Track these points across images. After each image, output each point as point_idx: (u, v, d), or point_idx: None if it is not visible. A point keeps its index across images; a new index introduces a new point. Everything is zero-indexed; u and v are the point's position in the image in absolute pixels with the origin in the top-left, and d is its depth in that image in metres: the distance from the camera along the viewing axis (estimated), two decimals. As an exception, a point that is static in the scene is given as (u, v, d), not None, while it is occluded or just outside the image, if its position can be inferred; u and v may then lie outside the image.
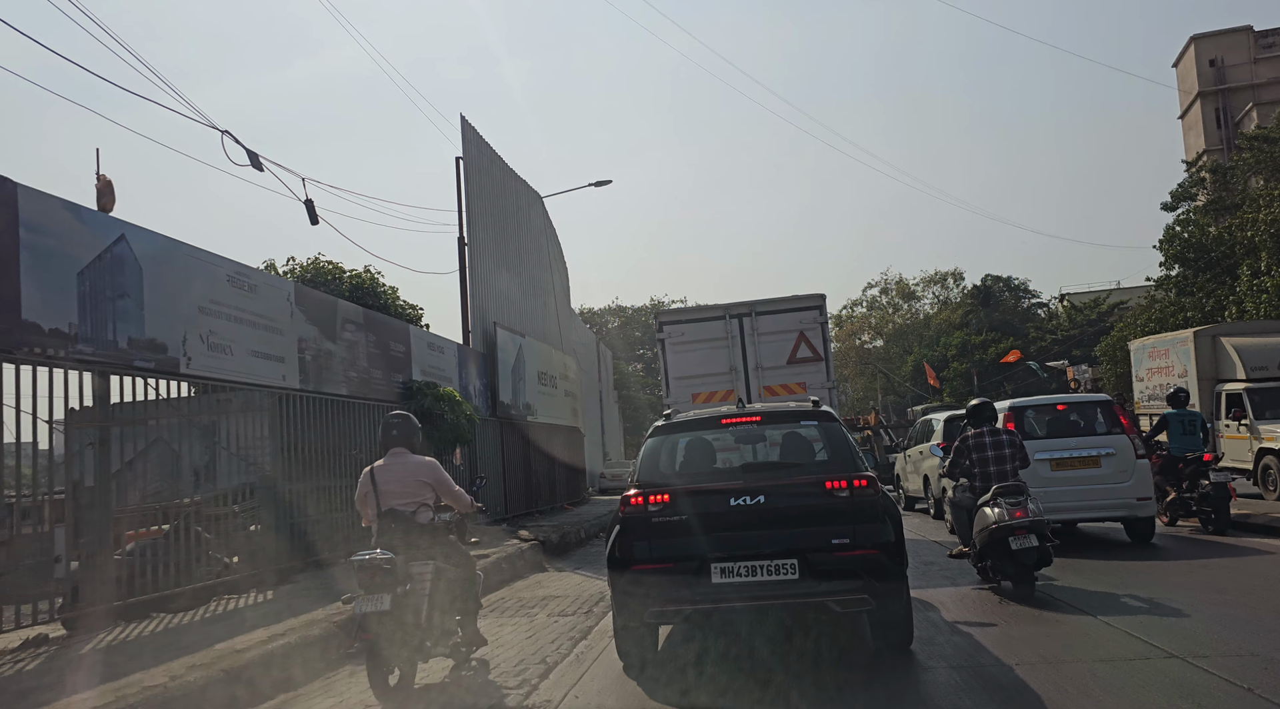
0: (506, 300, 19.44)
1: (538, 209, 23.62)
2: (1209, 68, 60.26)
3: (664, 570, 5.49)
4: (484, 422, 16.91)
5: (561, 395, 23.07)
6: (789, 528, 5.46)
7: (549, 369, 21.84)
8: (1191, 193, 45.03)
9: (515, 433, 18.81)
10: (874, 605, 5.42)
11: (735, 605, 5.42)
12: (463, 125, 17.52)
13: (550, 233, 25.56)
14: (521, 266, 21.28)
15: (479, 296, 17.67)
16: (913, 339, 70.91)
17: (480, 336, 17.58)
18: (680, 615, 5.58)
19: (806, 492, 5.61)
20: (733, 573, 5.37)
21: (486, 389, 17.33)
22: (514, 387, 18.67)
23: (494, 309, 18.41)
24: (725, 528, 5.48)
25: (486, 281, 18.14)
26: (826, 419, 6.34)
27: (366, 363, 12.00)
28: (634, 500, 5.66)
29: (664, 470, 6.18)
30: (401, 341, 13.32)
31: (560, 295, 27.09)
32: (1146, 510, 10.49)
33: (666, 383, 12.96)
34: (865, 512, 5.50)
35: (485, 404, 17.15)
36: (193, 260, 8.32)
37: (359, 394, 11.65)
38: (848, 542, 5.39)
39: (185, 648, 6.07)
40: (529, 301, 21.64)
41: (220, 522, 8.85)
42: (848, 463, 5.89)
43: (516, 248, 20.96)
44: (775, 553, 5.37)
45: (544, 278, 23.78)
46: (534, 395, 20.10)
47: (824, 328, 12.93)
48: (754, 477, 6.08)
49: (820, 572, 5.35)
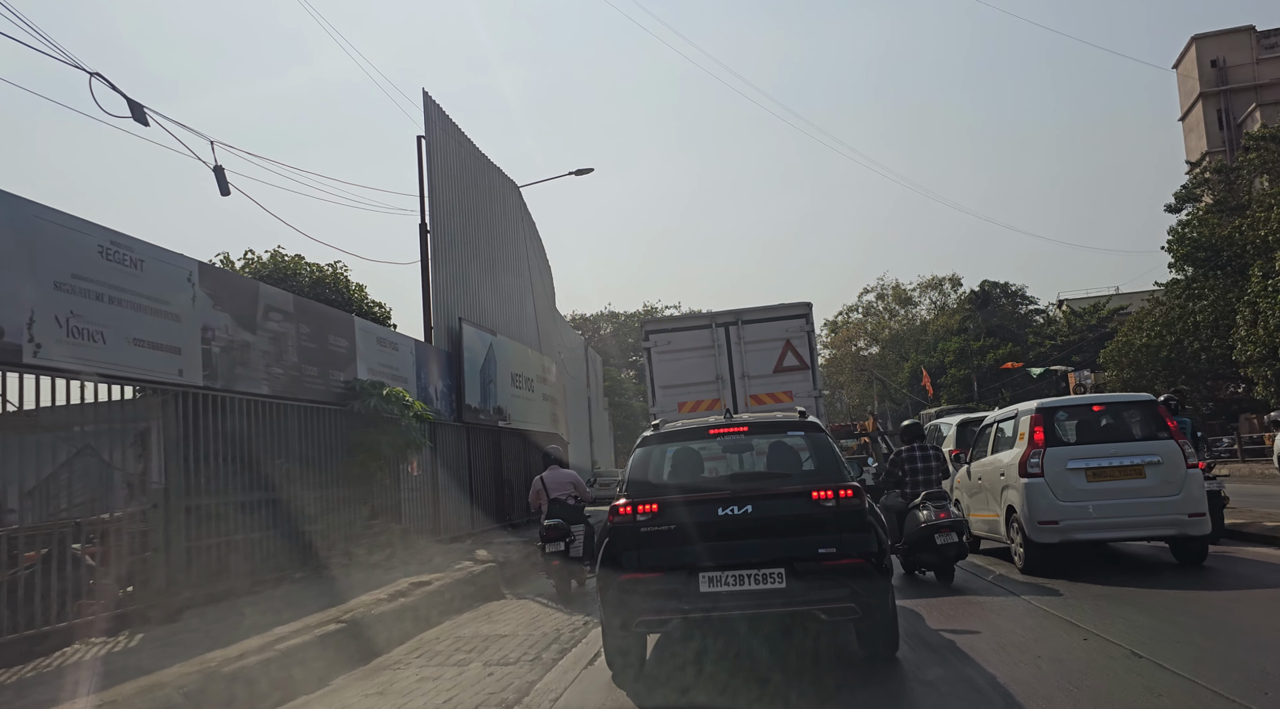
0: (475, 295, 17.88)
1: (514, 200, 22.08)
2: (1211, 68, 59.17)
3: (653, 579, 5.53)
4: (447, 427, 15.36)
5: (539, 399, 21.51)
6: (776, 537, 5.54)
7: (525, 371, 20.29)
8: (1196, 194, 43.96)
9: (485, 439, 17.24)
10: (860, 614, 5.49)
11: (723, 614, 5.46)
12: (425, 102, 15.99)
13: (529, 227, 24.02)
14: (494, 259, 19.72)
15: (443, 289, 16.11)
16: (909, 345, 69.84)
17: (444, 334, 16.02)
18: (669, 624, 5.66)
19: (793, 501, 5.70)
20: (721, 582, 5.43)
21: (451, 391, 15.76)
22: (483, 388, 17.11)
23: (460, 303, 16.85)
24: (713, 537, 5.54)
25: (452, 273, 16.59)
26: (813, 429, 6.45)
27: (297, 358, 10.44)
28: (623, 510, 5.69)
29: (653, 480, 6.21)
30: (344, 335, 11.76)
31: (541, 294, 25.55)
32: (1199, 528, 8.98)
33: (653, 391, 12.88)
34: (851, 521, 5.55)
35: (449, 407, 15.59)
36: (44, 224, 6.73)
37: (286, 394, 10.08)
38: (834, 551, 5.44)
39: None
40: (502, 297, 20.09)
41: (108, 542, 7.33)
42: (834, 473, 5.99)
43: (488, 239, 19.41)
44: (763, 562, 5.44)
45: (521, 273, 22.24)
46: (507, 398, 18.54)
47: (810, 336, 12.84)
48: (742, 486, 6.04)
49: (807, 580, 5.42)
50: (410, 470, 13.51)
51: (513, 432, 19.16)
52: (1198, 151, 56.13)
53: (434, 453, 14.61)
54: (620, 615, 5.60)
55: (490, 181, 19.71)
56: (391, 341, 13.48)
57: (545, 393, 22.20)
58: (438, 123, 16.45)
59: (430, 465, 14.28)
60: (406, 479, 13.39)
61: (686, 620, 5.53)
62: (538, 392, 21.29)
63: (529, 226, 23.92)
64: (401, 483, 13.15)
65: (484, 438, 17.24)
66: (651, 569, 5.54)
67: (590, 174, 23.17)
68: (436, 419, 14.93)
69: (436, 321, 15.89)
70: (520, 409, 19.52)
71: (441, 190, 16.35)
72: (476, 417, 16.65)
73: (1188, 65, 61.08)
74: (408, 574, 9.50)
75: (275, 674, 5.88)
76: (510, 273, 21.08)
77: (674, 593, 5.44)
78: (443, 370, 15.51)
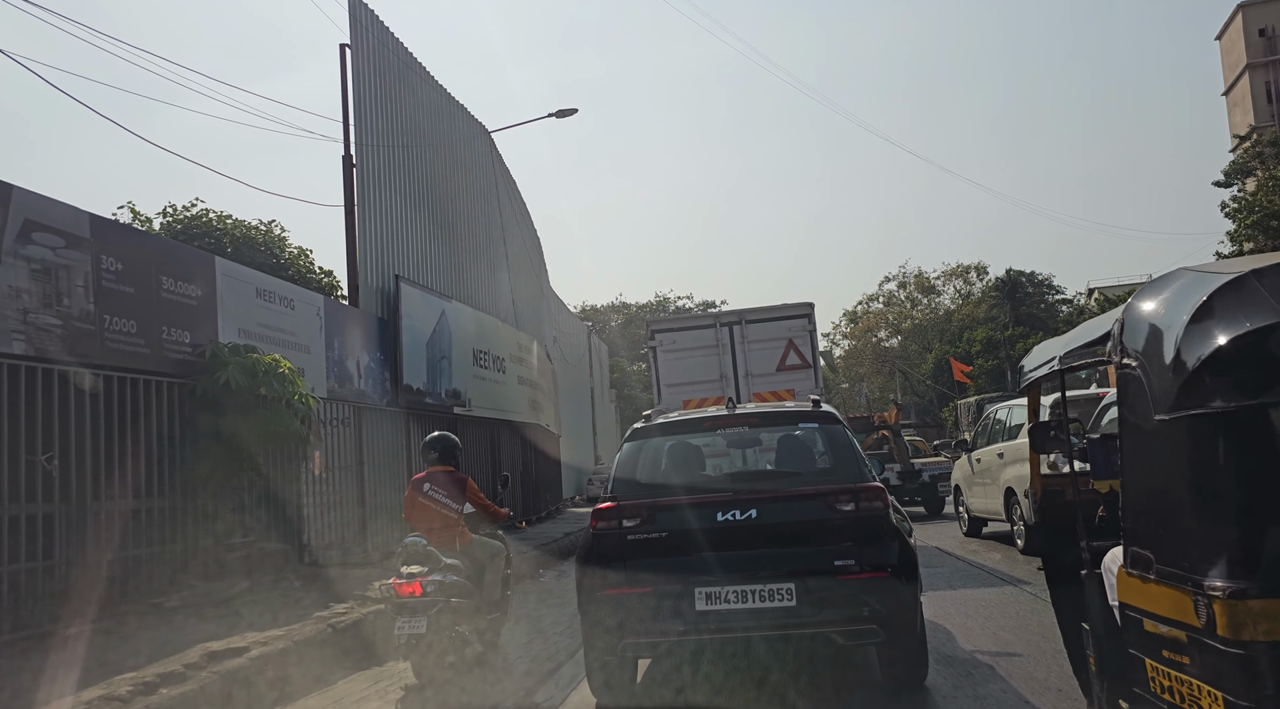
0: (423, 252, 14.54)
1: (483, 148, 18.72)
2: (1259, 38, 55.48)
3: (641, 595, 4.88)
4: (376, 412, 12.04)
5: (513, 383, 18.18)
6: (785, 547, 4.94)
7: (494, 349, 16.94)
8: (1249, 167, 40.74)
9: (434, 429, 13.90)
10: (883, 636, 4.75)
11: (724, 636, 4.84)
12: (351, 2, 12.62)
13: (506, 183, 20.66)
14: (454, 213, 16.36)
15: (374, 240, 12.78)
16: (933, 335, 66.64)
17: (376, 295, 12.69)
18: (660, 647, 5.04)
19: (806, 504, 5.05)
20: (720, 599, 4.79)
21: (382, 367, 12.43)
22: (431, 366, 13.77)
23: (400, 260, 13.51)
24: (711, 547, 4.92)
25: (387, 221, 13.25)
26: (828, 420, 5.69)
27: (94, 304, 7.10)
28: (607, 515, 5.11)
29: (642, 480, 5.48)
30: (196, 280, 8.43)
31: (524, 264, 22.21)
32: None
33: (658, 389, 13.08)
34: (873, 528, 4.91)
35: (378, 387, 12.26)
36: None
37: (66, 356, 6.75)
38: (853, 563, 4.79)
39: None
40: (464, 261, 16.74)
41: None
42: (853, 470, 5.28)
43: (445, 187, 16.05)
44: (769, 576, 4.81)
45: (492, 235, 18.88)
46: (466, 380, 15.21)
47: (812, 336, 13.16)
48: (745, 487, 5.50)
49: (821, 598, 4.76)
50: (313, 469, 10.21)
51: (477, 420, 15.85)
52: (1244, 126, 52.64)
53: (359, 443, 11.31)
54: (604, 637, 4.98)
55: (444, 114, 16.29)
56: (284, 296, 10.11)
57: (523, 376, 18.86)
58: (368, 30, 13.07)
59: (342, 459, 10.97)
60: (309, 481, 10.09)
61: (680, 643, 4.95)
62: (511, 374, 17.94)
63: (506, 183, 20.56)
64: (308, 487, 9.88)
65: (433, 427, 13.90)
66: (640, 583, 4.92)
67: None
68: (361, 403, 11.62)
69: (366, 280, 12.55)
70: (486, 394, 16.19)
71: (372, 116, 12.99)
72: (420, 400, 13.32)
73: (1232, 36, 57.59)
74: (228, 630, 6.15)
75: None
76: (476, 233, 17.73)
77: (666, 611, 4.85)
78: (371, 340, 12.19)
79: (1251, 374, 2.31)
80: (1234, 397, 2.32)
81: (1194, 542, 2.47)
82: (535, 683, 5.94)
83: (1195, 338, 2.43)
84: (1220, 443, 2.41)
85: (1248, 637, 2.21)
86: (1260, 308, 2.36)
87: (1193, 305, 2.49)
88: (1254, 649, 2.21)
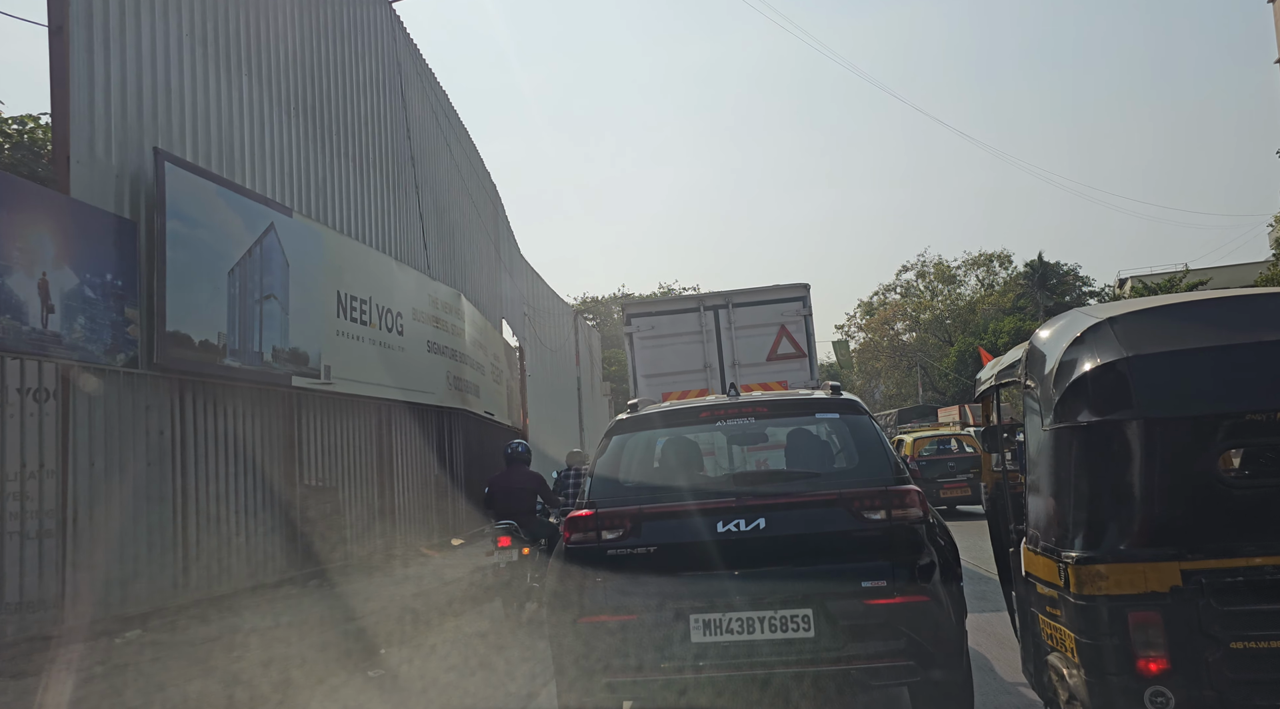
0: (229, 121, 9.24)
1: (381, 16, 13.51)
2: (1322, -3, 50.07)
3: (624, 625, 4.06)
4: (102, 373, 6.90)
5: (423, 353, 13.01)
6: (801, 564, 4.10)
7: (380, 295, 11.77)
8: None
9: (250, 403, 8.78)
10: (922, 675, 3.94)
11: (725, 674, 3.98)
12: None
13: (418, 70, 15.47)
14: (303, 79, 11.15)
15: (112, 77, 7.52)
16: (954, 327, 61.83)
17: (104, 175, 7.42)
18: (647, 688, 4.08)
19: (826, 512, 4.16)
20: (721, 629, 4.00)
21: (116, 299, 7.25)
22: (242, 308, 8.60)
23: (179, 125, 8.27)
24: (710, 565, 4.10)
25: (150, 51, 7.99)
26: (851, 410, 4.77)
27: None
28: (584, 525, 4.25)
29: (626, 482, 4.63)
30: None
31: (458, 204, 17.07)
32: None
33: (634, 381, 11.82)
34: (909, 540, 4.06)
35: (106, 334, 7.07)
36: None
37: None
38: (885, 584, 3.96)
39: None
40: (326, 161, 11.48)
41: None
42: (883, 470, 4.35)
43: (279, 29, 10.84)
44: (781, 601, 3.99)
45: (394, 140, 13.66)
46: (322, 337, 10.05)
47: (808, 321, 11.79)
48: (751, 491, 4.48)
49: (845, 627, 3.95)
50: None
51: (345, 399, 10.72)
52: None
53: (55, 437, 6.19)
54: (579, 675, 4.10)
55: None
56: None
57: (438, 342, 13.66)
58: None
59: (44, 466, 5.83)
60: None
61: (672, 683, 4.00)
62: (415, 337, 12.74)
63: (419, 73, 15.32)
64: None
65: (247, 402, 8.75)
66: (623, 610, 4.08)
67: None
68: (52, 356, 6.47)
69: (93, 148, 7.30)
70: (363, 361, 11.03)
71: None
72: (213, 361, 8.15)
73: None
74: None
75: None
76: (355, 128, 12.49)
77: (655, 643, 4.01)
78: (93, 252, 7.01)
79: (1101, 397, 3.16)
80: (1088, 414, 3.17)
81: (1059, 522, 3.32)
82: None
83: (1066, 368, 3.29)
84: (1077, 448, 3.22)
85: (1089, 592, 3.09)
86: (1110, 347, 3.20)
87: (1068, 341, 3.34)
88: (1094, 601, 3.07)
